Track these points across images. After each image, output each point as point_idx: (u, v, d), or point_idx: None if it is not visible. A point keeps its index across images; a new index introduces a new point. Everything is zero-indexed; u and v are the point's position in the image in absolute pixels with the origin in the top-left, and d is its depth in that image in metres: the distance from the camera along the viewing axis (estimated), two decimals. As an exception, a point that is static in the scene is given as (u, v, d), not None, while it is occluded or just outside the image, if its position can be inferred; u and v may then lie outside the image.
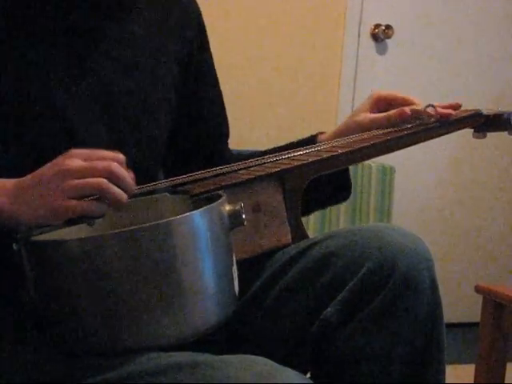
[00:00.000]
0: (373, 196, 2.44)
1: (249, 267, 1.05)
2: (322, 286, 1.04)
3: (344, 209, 2.40)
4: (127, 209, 0.99)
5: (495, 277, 3.12)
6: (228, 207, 0.93)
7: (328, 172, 1.15)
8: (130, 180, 0.88)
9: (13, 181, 0.91)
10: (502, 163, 3.17)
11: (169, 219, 0.87)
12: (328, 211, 2.38)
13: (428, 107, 1.20)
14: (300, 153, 1.16)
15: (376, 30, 2.91)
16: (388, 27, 2.91)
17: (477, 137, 1.28)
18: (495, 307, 1.88)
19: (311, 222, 2.35)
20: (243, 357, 0.86)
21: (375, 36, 2.92)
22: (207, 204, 0.91)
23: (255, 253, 1.08)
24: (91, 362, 0.89)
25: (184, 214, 0.88)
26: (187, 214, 0.88)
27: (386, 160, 2.03)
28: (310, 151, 1.16)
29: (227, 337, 1.04)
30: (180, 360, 0.85)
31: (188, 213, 0.89)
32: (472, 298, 2.17)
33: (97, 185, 0.85)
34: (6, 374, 0.93)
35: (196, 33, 1.23)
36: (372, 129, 1.19)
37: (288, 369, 0.85)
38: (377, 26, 2.91)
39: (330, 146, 1.17)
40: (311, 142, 1.21)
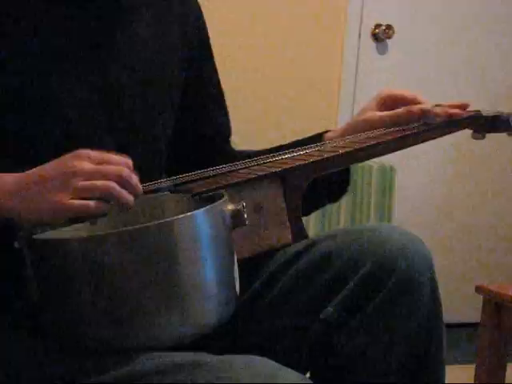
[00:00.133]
0: (373, 196, 2.43)
1: (249, 267, 1.05)
2: (322, 286, 1.04)
3: (344, 209, 2.40)
4: None
5: (495, 277, 3.12)
6: (230, 207, 0.93)
7: (329, 172, 1.15)
8: (139, 185, 0.89)
9: (13, 175, 0.91)
10: (503, 163, 3.17)
11: (171, 218, 0.87)
12: (328, 211, 2.37)
13: (436, 107, 1.20)
14: (301, 152, 1.15)
15: (377, 30, 2.91)
16: (389, 27, 2.91)
17: (476, 138, 1.28)
18: (495, 307, 1.88)
19: (311, 222, 2.34)
20: (243, 357, 0.86)
21: (376, 36, 2.92)
22: (208, 203, 0.91)
23: (255, 252, 1.07)
24: (91, 362, 0.89)
25: (186, 214, 0.88)
26: (190, 214, 0.88)
27: (386, 160, 2.02)
28: (312, 151, 1.15)
29: (227, 337, 1.04)
30: (180, 360, 0.86)
31: (190, 212, 0.88)
32: (472, 298, 2.16)
33: (106, 188, 0.86)
34: (6, 374, 0.93)
35: (196, 32, 1.23)
36: (379, 127, 1.19)
37: (288, 369, 0.85)
38: (377, 26, 2.91)
39: (332, 146, 1.17)
40: (318, 140, 1.20)
